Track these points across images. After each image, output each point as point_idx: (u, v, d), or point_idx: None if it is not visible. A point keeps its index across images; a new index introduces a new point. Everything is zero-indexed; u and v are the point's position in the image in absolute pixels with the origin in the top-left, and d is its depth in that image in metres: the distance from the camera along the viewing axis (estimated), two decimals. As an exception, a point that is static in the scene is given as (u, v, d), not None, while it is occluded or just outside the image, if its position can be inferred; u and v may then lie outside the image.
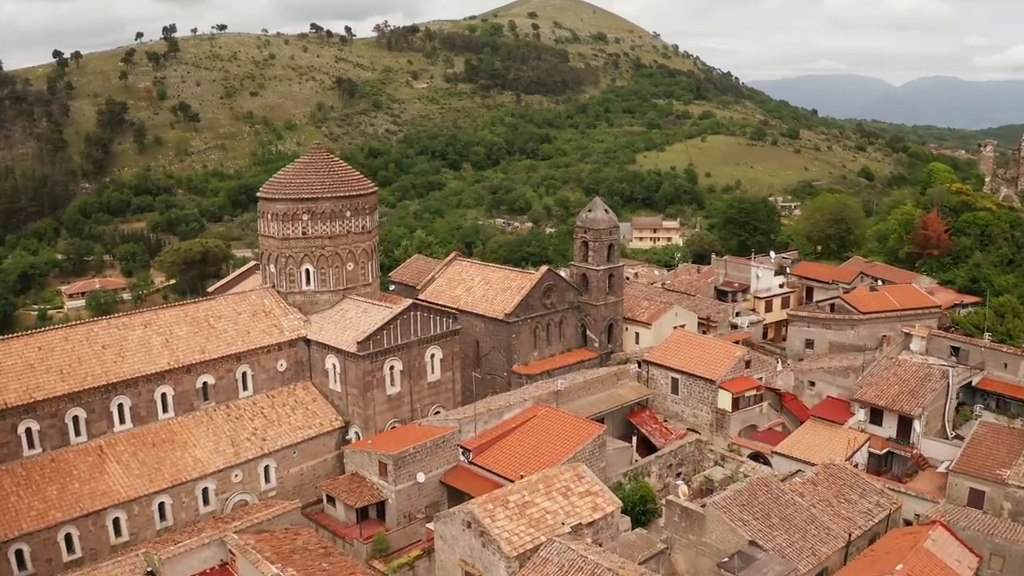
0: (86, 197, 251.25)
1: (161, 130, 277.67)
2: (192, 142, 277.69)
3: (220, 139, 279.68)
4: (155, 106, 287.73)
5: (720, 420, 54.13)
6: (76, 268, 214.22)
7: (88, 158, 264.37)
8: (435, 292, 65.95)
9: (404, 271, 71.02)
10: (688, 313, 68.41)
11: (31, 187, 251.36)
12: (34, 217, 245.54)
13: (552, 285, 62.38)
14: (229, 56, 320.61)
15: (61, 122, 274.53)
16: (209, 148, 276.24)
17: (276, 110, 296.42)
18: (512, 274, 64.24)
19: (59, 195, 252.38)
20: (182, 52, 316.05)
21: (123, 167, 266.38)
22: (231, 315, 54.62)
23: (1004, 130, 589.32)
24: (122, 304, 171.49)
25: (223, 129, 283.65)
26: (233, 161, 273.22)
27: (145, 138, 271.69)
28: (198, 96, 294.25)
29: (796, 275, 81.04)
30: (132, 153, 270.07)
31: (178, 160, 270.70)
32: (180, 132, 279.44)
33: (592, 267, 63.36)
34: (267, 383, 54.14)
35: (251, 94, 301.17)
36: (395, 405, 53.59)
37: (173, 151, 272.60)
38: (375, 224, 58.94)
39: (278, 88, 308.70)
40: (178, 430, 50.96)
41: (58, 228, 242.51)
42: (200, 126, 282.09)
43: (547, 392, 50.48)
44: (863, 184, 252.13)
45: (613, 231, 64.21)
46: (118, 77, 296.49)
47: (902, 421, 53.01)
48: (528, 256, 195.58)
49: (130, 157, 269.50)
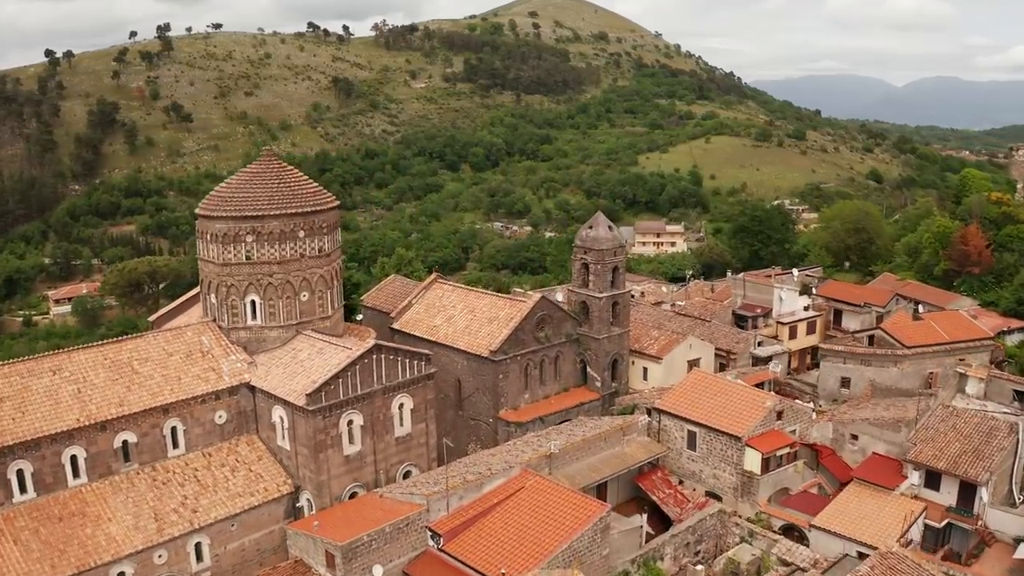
0: (75, 199, 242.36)
1: (153, 131, 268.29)
2: (184, 143, 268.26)
3: (213, 140, 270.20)
4: (147, 106, 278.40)
5: (747, 484, 44.45)
6: (63, 273, 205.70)
7: (78, 160, 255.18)
8: (411, 321, 56.25)
9: (378, 295, 61.33)
10: (704, 345, 58.66)
11: (19, 189, 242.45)
12: (21, 220, 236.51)
13: (546, 316, 52.64)
14: (224, 55, 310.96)
15: (51, 123, 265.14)
16: (202, 149, 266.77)
17: (271, 110, 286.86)
18: (500, 302, 54.39)
19: (47, 197, 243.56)
20: (176, 51, 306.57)
21: (113, 169, 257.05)
22: (160, 357, 44.95)
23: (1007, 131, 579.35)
24: (109, 310, 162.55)
25: (216, 130, 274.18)
26: (226, 162, 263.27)
27: (136, 139, 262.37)
28: (191, 96, 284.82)
29: (822, 296, 71.23)
30: (123, 154, 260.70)
31: (170, 161, 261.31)
32: (172, 133, 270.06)
33: (594, 294, 53.57)
34: (203, 439, 44.50)
35: (246, 94, 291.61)
36: (355, 467, 43.93)
37: (165, 152, 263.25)
38: (336, 245, 49.18)
39: (273, 88, 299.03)
40: (91, 500, 41.34)
41: (46, 231, 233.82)
42: (193, 126, 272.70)
43: (538, 455, 40.82)
44: (872, 187, 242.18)
45: (618, 251, 54.36)
46: (110, 77, 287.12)
47: (964, 487, 43.34)
48: (526, 262, 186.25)
49: (121, 158, 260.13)
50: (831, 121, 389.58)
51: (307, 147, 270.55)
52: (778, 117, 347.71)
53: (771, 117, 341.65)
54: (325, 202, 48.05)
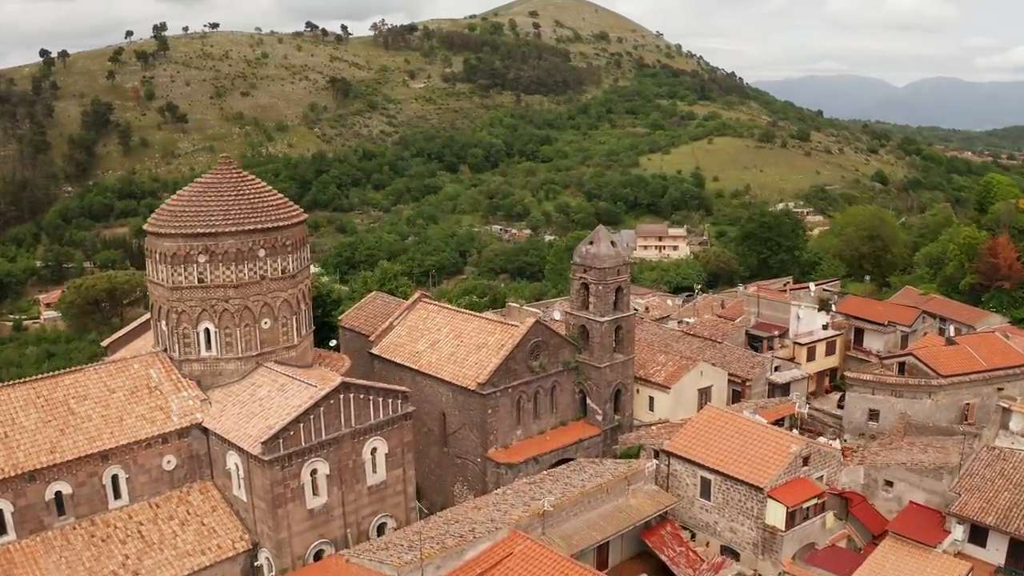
0: (67, 201, 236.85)
1: (147, 131, 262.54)
2: (179, 144, 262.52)
3: (208, 140, 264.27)
4: (142, 107, 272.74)
5: (769, 540, 38.60)
6: (55, 276, 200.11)
7: (71, 161, 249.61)
8: (392, 345, 50.43)
9: (358, 314, 55.46)
10: (716, 371, 52.83)
11: (11, 191, 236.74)
12: (13, 222, 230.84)
13: (541, 342, 46.81)
14: (220, 55, 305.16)
15: (44, 123, 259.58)
16: (197, 150, 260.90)
17: (267, 111, 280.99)
18: (489, 325, 48.50)
19: (40, 199, 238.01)
20: (172, 51, 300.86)
21: (107, 170, 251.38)
22: (100, 394, 39.11)
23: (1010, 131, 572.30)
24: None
25: (212, 130, 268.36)
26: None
27: (130, 140, 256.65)
28: (187, 96, 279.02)
29: (842, 313, 65.34)
30: (117, 155, 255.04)
31: (164, 163, 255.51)
32: (167, 133, 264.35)
33: (594, 318, 47.69)
34: (149, 487, 38.68)
35: (242, 94, 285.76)
36: (321, 521, 38.10)
37: (159, 153, 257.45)
38: (304, 265, 43.32)
39: (270, 88, 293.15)
40: (20, 560, 35.54)
41: (38, 234, 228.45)
42: (188, 127, 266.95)
43: (529, 514, 34.98)
44: (877, 189, 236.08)
45: (622, 270, 48.44)
46: (105, 77, 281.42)
47: (1015, 544, 37.53)
48: (525, 266, 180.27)
49: (114, 160, 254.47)
50: (833, 122, 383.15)
51: (304, 148, 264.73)
52: (780, 118, 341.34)
53: (774, 118, 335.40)
54: (290, 216, 42.15)
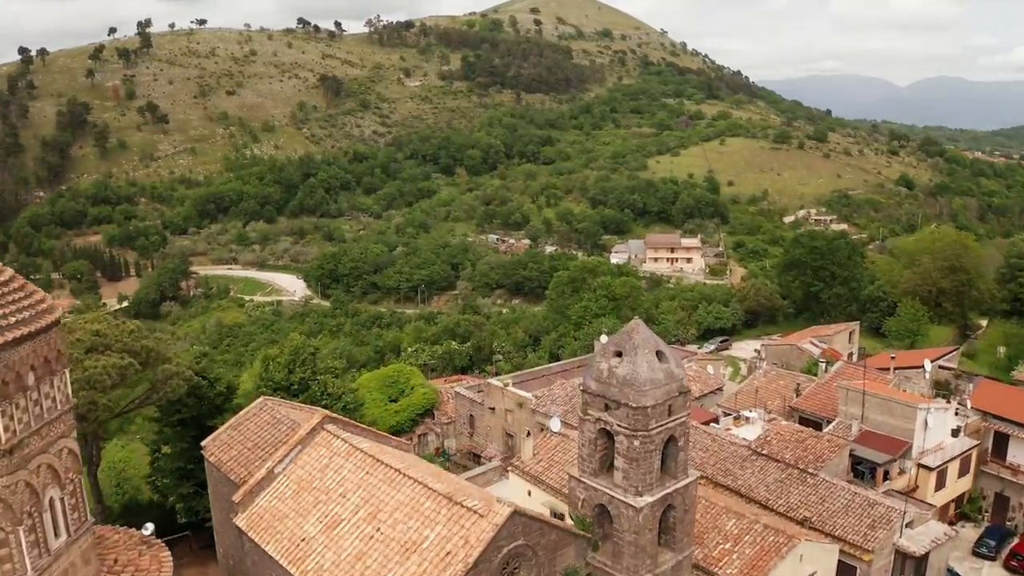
0: (37, 208, 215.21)
1: (126, 133, 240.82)
2: (160, 145, 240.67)
3: (190, 142, 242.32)
4: (122, 106, 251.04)
5: None
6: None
7: (43, 164, 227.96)
8: (266, 517, 27.85)
9: (230, 441, 33.00)
10: (822, 550, 30.19)
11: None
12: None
13: (522, 548, 24.12)
14: (206, 52, 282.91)
15: (18, 124, 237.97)
16: (178, 152, 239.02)
17: (254, 110, 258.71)
18: (430, 503, 25.38)
19: (8, 205, 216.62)
20: (156, 48, 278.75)
21: (82, 174, 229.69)
22: None
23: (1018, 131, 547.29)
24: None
25: (194, 131, 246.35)
26: (203, 166, 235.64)
27: (108, 142, 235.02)
28: (170, 95, 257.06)
29: (978, 409, 42.74)
30: (93, 158, 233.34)
31: (143, 166, 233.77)
32: (147, 135, 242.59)
33: (625, 499, 24.95)
34: None
35: (227, 93, 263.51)
36: None
37: (138, 156, 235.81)
38: (64, 407, 20.25)
39: (257, 86, 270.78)
40: None
41: (5, 243, 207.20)
42: (169, 128, 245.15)
43: None
44: (904, 194, 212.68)
45: (676, 403, 25.39)
46: (85, 75, 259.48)
47: None
48: (523, 282, 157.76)
49: (90, 163, 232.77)
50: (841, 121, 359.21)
51: (291, 149, 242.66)
52: (790, 117, 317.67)
53: (784, 117, 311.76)
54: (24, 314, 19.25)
